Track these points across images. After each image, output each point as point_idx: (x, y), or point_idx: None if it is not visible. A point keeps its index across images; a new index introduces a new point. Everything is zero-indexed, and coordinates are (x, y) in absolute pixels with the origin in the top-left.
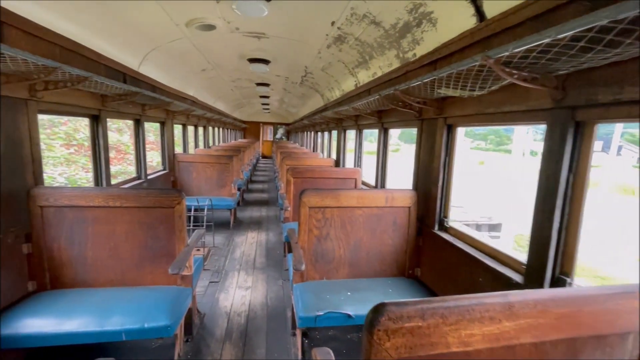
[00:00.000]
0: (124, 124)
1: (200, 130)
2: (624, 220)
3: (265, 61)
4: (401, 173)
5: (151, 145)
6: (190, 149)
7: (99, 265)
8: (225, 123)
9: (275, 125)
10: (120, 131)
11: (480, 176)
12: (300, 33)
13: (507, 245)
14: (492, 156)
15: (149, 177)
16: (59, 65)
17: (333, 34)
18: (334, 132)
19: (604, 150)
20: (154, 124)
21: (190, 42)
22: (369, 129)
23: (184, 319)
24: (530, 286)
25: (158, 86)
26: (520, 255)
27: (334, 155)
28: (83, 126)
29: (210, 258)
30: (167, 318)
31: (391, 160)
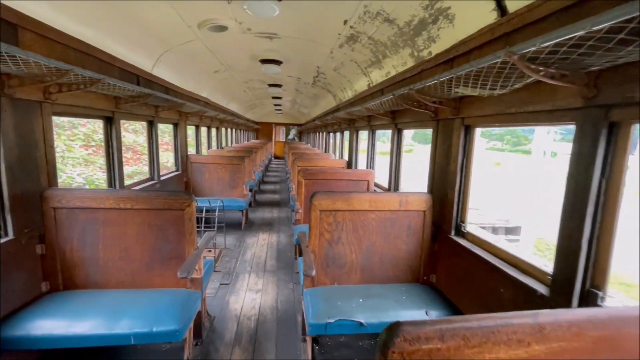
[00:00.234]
0: (140, 125)
1: (214, 131)
2: None
3: (277, 62)
4: (415, 175)
5: (166, 146)
6: (204, 150)
7: (110, 267)
8: (238, 124)
9: (288, 126)
10: (136, 132)
11: (497, 177)
12: (312, 33)
13: (527, 249)
14: (509, 157)
15: (162, 178)
16: (72, 68)
17: (345, 33)
18: (346, 133)
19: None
20: (169, 125)
21: (203, 44)
22: (382, 130)
23: (193, 322)
24: (557, 299)
25: (171, 88)
26: (540, 260)
27: (346, 156)
28: (101, 127)
29: (221, 259)
30: (176, 322)
31: (404, 162)
